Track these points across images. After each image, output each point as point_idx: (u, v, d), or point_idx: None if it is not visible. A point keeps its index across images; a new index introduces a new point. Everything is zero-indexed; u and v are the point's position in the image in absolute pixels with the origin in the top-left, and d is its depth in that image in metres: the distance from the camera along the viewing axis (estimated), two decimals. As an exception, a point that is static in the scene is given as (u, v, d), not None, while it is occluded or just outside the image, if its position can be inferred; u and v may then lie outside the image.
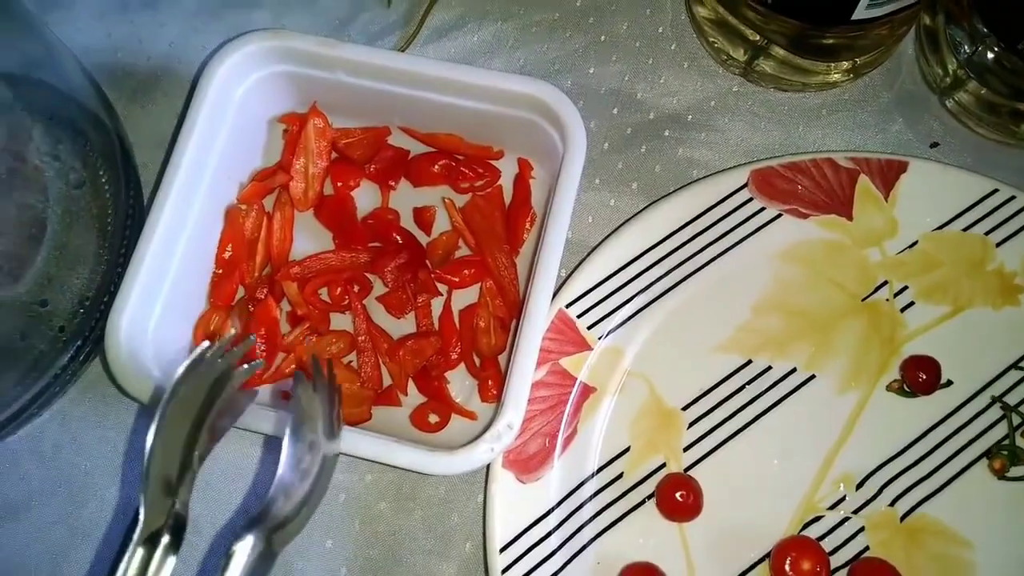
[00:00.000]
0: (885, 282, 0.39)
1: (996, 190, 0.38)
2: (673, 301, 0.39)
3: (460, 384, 0.39)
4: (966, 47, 0.39)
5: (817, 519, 0.37)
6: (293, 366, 0.39)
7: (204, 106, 0.38)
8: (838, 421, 0.38)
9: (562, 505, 0.36)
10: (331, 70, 0.39)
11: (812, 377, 0.38)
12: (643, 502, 0.37)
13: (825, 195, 0.39)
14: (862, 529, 0.36)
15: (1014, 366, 0.38)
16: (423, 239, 0.41)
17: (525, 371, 0.34)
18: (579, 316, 0.38)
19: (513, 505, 0.36)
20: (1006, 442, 0.37)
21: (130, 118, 0.44)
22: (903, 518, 0.36)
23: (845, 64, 0.41)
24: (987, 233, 0.39)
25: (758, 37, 0.40)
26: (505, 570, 0.35)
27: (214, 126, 0.38)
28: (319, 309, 0.39)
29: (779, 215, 0.39)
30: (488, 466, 0.36)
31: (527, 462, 0.36)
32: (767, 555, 0.36)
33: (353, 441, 0.34)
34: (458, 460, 0.33)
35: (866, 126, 0.43)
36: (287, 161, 0.41)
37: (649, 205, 0.40)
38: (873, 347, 0.38)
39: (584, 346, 0.38)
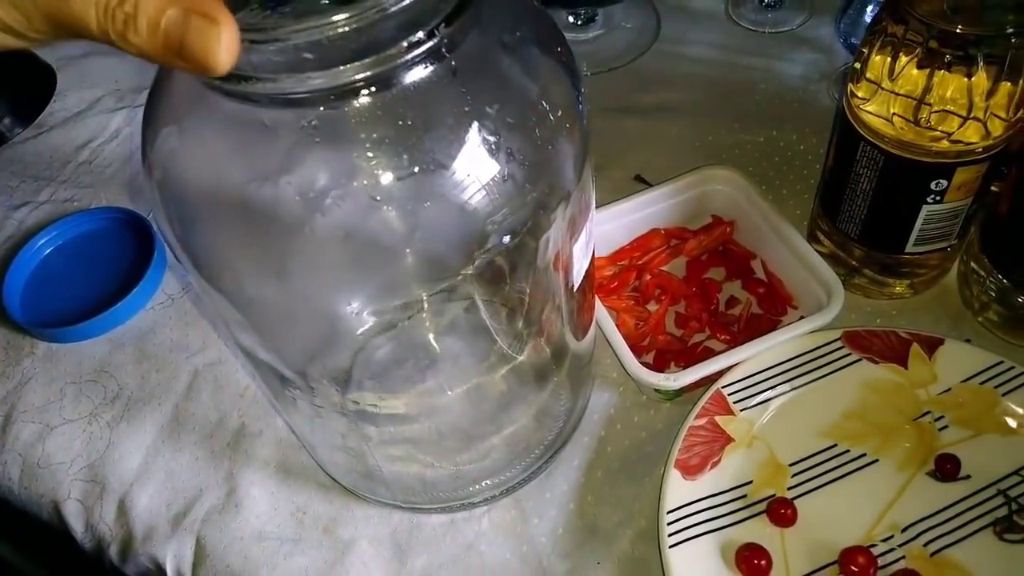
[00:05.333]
0: (928, 411, 0.61)
1: (1001, 361, 0.61)
2: (790, 398, 0.62)
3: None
4: (988, 280, 0.64)
5: (872, 546, 0.56)
6: None
7: None
8: (892, 489, 0.58)
9: (708, 499, 0.58)
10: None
11: (876, 460, 0.60)
12: (758, 513, 0.58)
13: (891, 352, 0.63)
14: (903, 557, 0.56)
15: (1014, 473, 0.58)
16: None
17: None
18: (729, 395, 0.62)
19: (677, 492, 0.58)
20: (1004, 517, 0.57)
21: None
22: (932, 555, 0.56)
23: (907, 282, 0.67)
24: (996, 387, 0.61)
25: (854, 262, 0.67)
26: (670, 524, 0.57)
27: None
28: None
29: (860, 359, 0.63)
30: (664, 471, 0.59)
31: (690, 468, 0.59)
32: (835, 561, 0.56)
33: None
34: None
35: (922, 325, 0.67)
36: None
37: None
38: (919, 448, 0.60)
39: (730, 412, 0.62)
